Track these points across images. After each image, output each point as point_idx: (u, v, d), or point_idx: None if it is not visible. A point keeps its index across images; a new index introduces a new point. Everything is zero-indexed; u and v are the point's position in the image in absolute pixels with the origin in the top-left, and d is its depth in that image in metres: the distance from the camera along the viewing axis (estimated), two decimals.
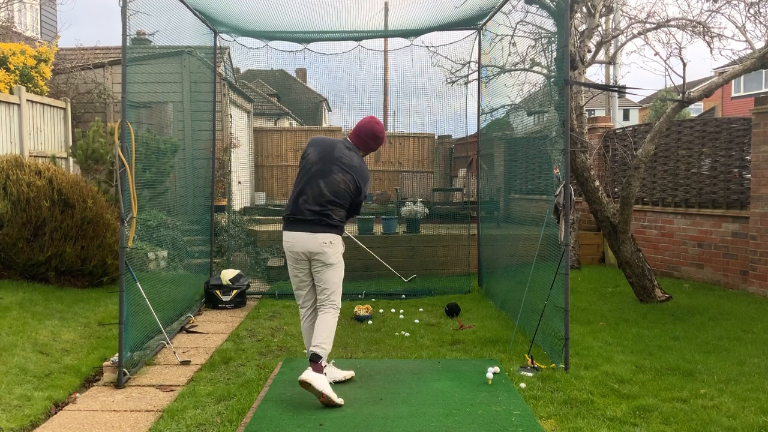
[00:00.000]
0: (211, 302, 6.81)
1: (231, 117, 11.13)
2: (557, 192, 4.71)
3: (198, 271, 7.84)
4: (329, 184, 4.06)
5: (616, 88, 10.12)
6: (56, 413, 3.80)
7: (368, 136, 4.24)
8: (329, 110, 30.17)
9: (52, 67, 9.87)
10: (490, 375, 4.31)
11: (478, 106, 7.70)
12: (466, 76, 8.15)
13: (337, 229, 4.14)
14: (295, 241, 4.08)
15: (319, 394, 3.78)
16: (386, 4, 6.98)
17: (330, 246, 4.06)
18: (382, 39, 8.08)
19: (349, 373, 4.32)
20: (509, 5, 6.10)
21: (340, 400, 3.83)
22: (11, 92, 8.42)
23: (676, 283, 7.89)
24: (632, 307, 6.43)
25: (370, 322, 6.16)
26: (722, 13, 6.54)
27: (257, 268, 8.75)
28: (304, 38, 7.28)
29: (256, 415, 3.69)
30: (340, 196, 4.09)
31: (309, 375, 3.82)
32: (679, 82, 5.85)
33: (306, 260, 4.11)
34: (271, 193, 13.96)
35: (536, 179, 7.81)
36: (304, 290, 4.22)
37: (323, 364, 3.92)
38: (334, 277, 4.14)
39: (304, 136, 14.24)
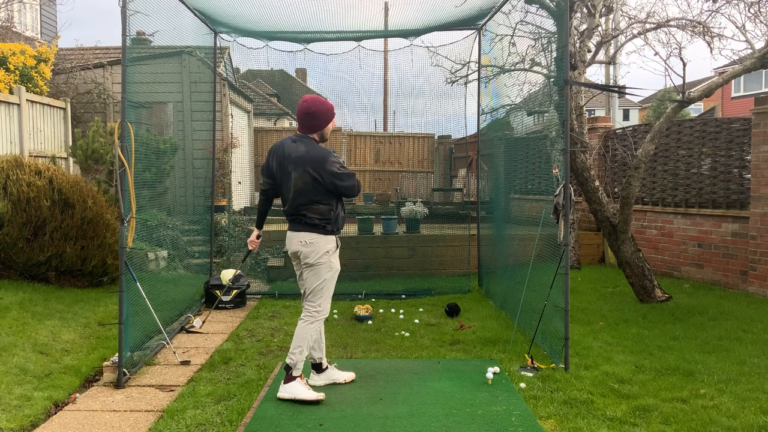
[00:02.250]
0: (211, 302, 6.81)
1: (232, 117, 11.13)
2: (557, 192, 4.71)
3: (198, 271, 7.84)
4: (291, 186, 4.00)
5: (616, 88, 10.11)
6: (56, 413, 3.80)
7: (302, 116, 4.06)
8: None
9: (52, 67, 9.87)
10: (490, 375, 4.32)
11: (478, 106, 7.71)
12: (466, 76, 8.15)
13: (317, 229, 3.99)
14: (286, 239, 4.13)
15: (300, 401, 3.85)
16: (386, 4, 6.98)
17: (306, 246, 3.98)
18: (382, 39, 8.09)
19: (349, 376, 4.32)
20: (509, 5, 6.10)
21: (317, 397, 3.89)
22: (11, 92, 8.42)
23: (676, 283, 7.89)
24: (632, 307, 6.43)
25: (370, 322, 6.16)
26: (722, 13, 6.54)
27: (257, 268, 8.75)
28: (304, 38, 7.28)
29: (255, 415, 3.69)
30: (304, 193, 3.97)
31: (281, 392, 3.93)
32: (679, 82, 5.86)
33: (297, 258, 4.12)
34: None
35: (536, 179, 7.82)
36: (301, 288, 4.22)
37: (293, 374, 3.95)
38: (314, 279, 4.01)
39: None
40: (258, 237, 4.37)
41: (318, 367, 4.27)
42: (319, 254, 3.98)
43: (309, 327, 3.98)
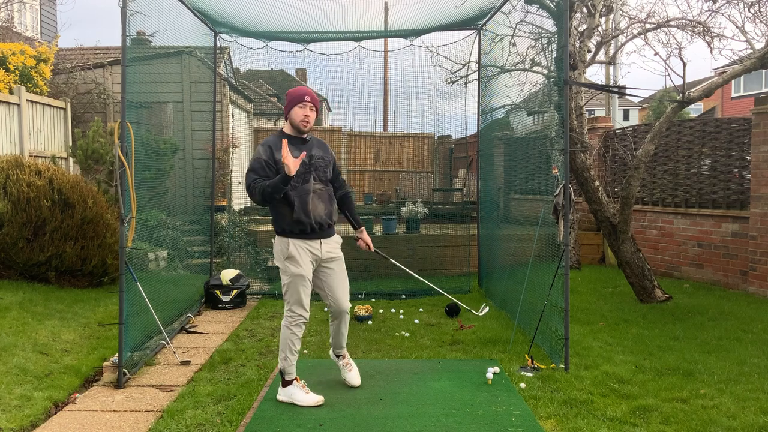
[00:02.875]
0: (211, 302, 6.81)
1: (232, 117, 11.13)
2: (557, 192, 4.71)
3: (198, 271, 7.84)
4: None
5: (616, 88, 10.11)
6: (56, 413, 3.80)
7: None
8: (329, 110, 30.16)
9: (52, 67, 9.88)
10: (490, 375, 4.32)
11: (478, 106, 7.70)
12: (466, 76, 8.15)
13: (274, 227, 3.95)
14: None
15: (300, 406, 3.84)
16: (386, 4, 6.98)
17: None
18: (382, 39, 8.08)
19: (355, 381, 4.24)
20: (509, 5, 6.10)
21: (315, 402, 3.85)
22: (11, 92, 8.42)
23: (676, 283, 7.89)
24: (632, 307, 6.43)
25: (370, 322, 6.15)
26: (722, 13, 6.54)
27: (257, 268, 8.75)
28: (304, 38, 7.29)
29: (255, 416, 3.70)
30: None
31: (279, 395, 3.94)
32: (679, 82, 5.86)
33: None
34: None
35: (536, 179, 7.82)
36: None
37: (286, 379, 3.92)
38: (281, 281, 3.93)
39: None
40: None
41: (337, 356, 4.32)
42: (276, 256, 3.91)
43: (287, 332, 3.87)
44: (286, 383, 3.92)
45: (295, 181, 3.74)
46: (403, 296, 7.41)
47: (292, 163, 3.56)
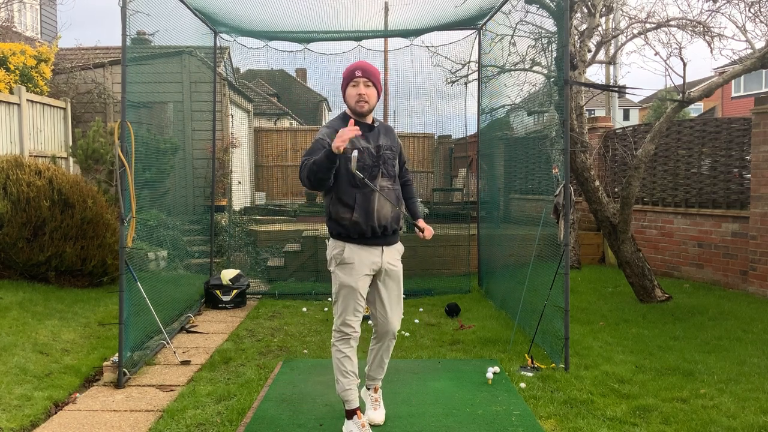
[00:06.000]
0: (211, 302, 6.81)
1: (232, 117, 11.14)
2: (557, 192, 4.71)
3: (198, 271, 7.84)
4: None
5: (616, 88, 10.12)
6: (56, 413, 3.80)
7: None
8: (329, 110, 30.19)
9: (52, 67, 9.88)
10: (490, 375, 4.32)
11: (478, 106, 7.70)
12: (466, 76, 8.15)
13: (329, 229, 3.43)
14: None
15: None
16: (386, 4, 6.98)
17: None
18: (382, 39, 8.09)
19: (379, 419, 3.66)
20: (509, 5, 6.10)
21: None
22: (11, 92, 8.42)
23: (676, 283, 7.89)
24: (632, 307, 6.43)
25: (369, 322, 6.14)
26: (722, 13, 6.55)
27: (257, 268, 8.75)
28: (304, 38, 7.29)
29: (256, 415, 3.69)
30: None
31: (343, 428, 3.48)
32: (679, 82, 5.85)
33: None
34: (271, 193, 13.97)
35: (536, 179, 7.82)
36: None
37: (346, 408, 3.39)
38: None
39: (304, 136, 14.25)
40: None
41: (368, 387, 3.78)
42: (329, 260, 3.41)
43: (334, 352, 3.38)
44: (348, 413, 3.37)
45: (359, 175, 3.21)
46: (403, 296, 7.40)
47: (341, 140, 2.93)
